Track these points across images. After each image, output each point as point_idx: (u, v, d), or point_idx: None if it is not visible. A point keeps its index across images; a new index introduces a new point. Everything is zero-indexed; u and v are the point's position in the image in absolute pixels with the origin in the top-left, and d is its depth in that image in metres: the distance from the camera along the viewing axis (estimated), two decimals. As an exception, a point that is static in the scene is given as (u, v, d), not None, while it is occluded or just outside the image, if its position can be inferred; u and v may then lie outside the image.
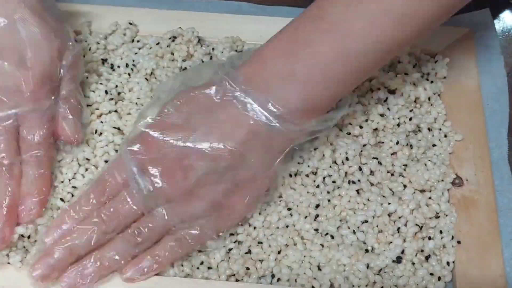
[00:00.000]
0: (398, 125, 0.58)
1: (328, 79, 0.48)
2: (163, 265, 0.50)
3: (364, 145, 0.57)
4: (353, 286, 0.50)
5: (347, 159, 0.55)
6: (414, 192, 0.54)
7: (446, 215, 0.53)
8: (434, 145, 0.57)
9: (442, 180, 0.55)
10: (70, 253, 0.48)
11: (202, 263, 0.51)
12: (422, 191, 0.54)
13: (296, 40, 0.48)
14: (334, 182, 0.54)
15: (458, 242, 0.52)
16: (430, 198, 0.54)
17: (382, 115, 0.58)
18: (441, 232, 0.52)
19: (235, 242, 0.52)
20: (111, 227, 0.49)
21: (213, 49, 0.63)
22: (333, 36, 0.47)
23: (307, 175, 0.55)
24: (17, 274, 0.50)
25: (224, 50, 0.63)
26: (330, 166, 0.55)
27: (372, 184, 0.55)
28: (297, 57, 0.48)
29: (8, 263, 0.50)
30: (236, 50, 0.63)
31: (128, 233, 0.49)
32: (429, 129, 0.58)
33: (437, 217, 0.53)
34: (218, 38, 0.64)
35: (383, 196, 0.54)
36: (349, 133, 0.57)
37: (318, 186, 0.54)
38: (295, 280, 0.51)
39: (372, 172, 0.55)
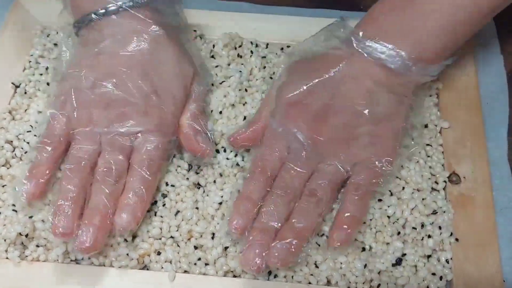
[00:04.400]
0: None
1: (439, 29, 0.50)
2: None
3: None
4: (350, 283, 0.50)
5: None
6: (412, 192, 0.54)
7: (444, 212, 0.53)
8: (428, 145, 0.57)
9: (438, 177, 0.55)
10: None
11: (199, 259, 0.51)
12: (420, 190, 0.55)
13: None
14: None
15: (456, 239, 0.52)
16: (426, 197, 0.54)
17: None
18: (440, 228, 0.52)
19: (231, 240, 0.52)
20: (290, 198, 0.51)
21: (213, 46, 0.64)
22: None
23: None
24: (15, 270, 0.50)
25: (224, 48, 0.63)
26: None
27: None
28: (411, 11, 0.50)
29: (7, 258, 0.51)
30: (235, 47, 0.63)
31: (306, 196, 0.52)
32: (425, 126, 0.58)
33: (435, 213, 0.53)
34: (218, 35, 0.64)
35: (380, 200, 0.54)
36: None
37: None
38: (292, 276, 0.51)
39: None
